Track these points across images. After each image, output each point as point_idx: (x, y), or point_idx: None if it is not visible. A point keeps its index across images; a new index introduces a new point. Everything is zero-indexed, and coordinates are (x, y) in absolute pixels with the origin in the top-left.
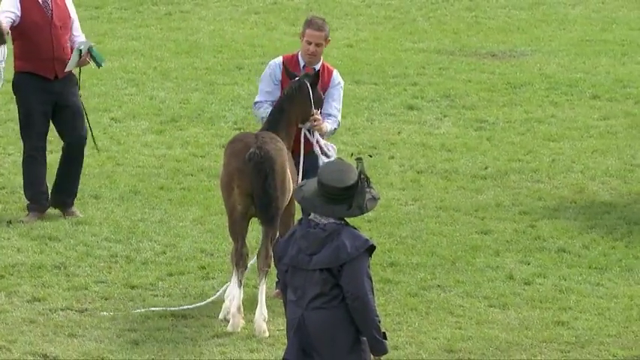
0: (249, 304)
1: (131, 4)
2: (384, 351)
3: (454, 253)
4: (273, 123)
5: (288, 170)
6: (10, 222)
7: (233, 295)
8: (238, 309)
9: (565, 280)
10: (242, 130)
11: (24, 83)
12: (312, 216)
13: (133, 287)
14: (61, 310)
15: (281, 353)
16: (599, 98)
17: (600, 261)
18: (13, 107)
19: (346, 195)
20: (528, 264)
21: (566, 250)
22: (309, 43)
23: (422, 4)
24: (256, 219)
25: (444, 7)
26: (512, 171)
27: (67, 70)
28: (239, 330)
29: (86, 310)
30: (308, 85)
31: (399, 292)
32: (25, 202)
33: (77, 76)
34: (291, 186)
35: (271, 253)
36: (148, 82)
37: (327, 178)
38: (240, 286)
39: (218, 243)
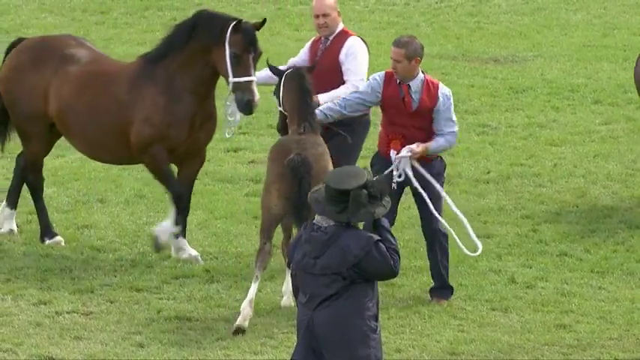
0: (260, 309)
1: (136, 9)
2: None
3: (457, 256)
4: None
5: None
6: (17, 225)
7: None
8: (250, 302)
9: (567, 283)
10: (246, 135)
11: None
12: (315, 220)
13: (138, 290)
14: (67, 313)
15: (285, 356)
16: (600, 103)
17: (602, 265)
18: None
19: (341, 199)
20: (530, 267)
21: (568, 254)
22: (391, 59)
23: (425, 10)
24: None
25: (446, 13)
26: (514, 175)
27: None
28: (246, 322)
29: (92, 313)
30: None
31: (403, 295)
32: (29, 205)
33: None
34: None
35: None
36: None
37: (330, 178)
38: (256, 282)
39: (223, 246)
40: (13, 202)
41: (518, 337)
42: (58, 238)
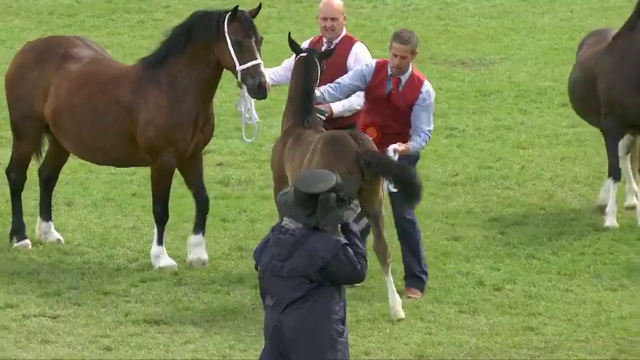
0: (228, 312)
1: (104, 12)
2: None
3: (425, 258)
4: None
5: None
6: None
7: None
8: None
9: (534, 286)
10: (214, 137)
11: None
12: (284, 222)
13: (105, 294)
14: (34, 316)
15: (253, 359)
16: (567, 106)
17: (569, 267)
18: None
19: (310, 202)
20: (498, 270)
21: (536, 257)
22: (395, 56)
23: (392, 13)
24: None
25: (414, 16)
26: (482, 178)
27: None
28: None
29: (59, 316)
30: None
31: (371, 298)
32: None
33: None
34: None
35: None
36: None
37: (299, 182)
38: None
39: None
40: (47, 215)
41: (486, 339)
42: (27, 241)
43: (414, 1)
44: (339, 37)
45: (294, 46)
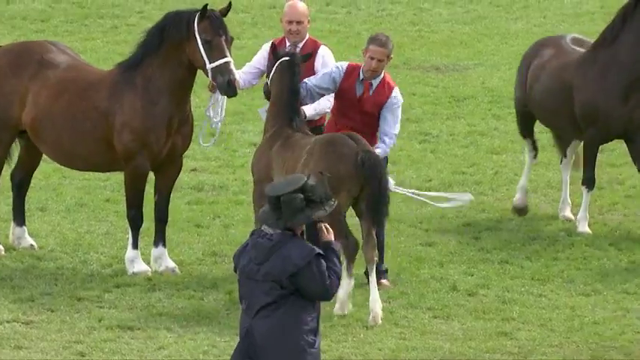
0: (202, 317)
1: (77, 17)
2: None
3: (398, 264)
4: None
5: None
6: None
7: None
8: (347, 294)
9: (508, 291)
10: None
11: None
12: (262, 227)
13: (79, 299)
14: (7, 322)
15: None
16: None
17: (542, 272)
18: None
19: (277, 205)
20: (472, 275)
21: (509, 262)
22: (372, 59)
23: (366, 18)
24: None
25: (388, 21)
26: (455, 183)
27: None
28: (346, 312)
29: (32, 322)
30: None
31: None
32: None
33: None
34: None
35: (375, 242)
36: None
37: (268, 187)
38: (350, 277)
39: None
40: (20, 220)
41: (459, 344)
42: None
43: (388, 6)
44: (304, 41)
45: (274, 52)
